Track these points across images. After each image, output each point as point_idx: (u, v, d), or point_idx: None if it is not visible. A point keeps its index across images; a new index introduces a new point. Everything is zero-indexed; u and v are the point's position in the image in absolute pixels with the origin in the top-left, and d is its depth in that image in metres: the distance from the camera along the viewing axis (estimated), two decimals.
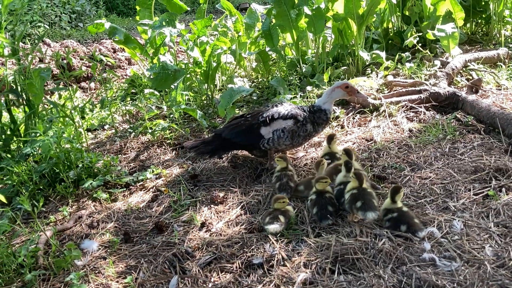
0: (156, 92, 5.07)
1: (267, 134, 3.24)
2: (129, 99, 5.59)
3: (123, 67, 6.90)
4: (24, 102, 3.79)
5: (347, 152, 2.85)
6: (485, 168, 2.97)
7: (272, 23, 5.38)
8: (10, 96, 3.97)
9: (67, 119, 3.62)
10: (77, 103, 5.72)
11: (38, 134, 3.15)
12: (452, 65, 4.60)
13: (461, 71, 4.80)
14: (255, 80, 5.91)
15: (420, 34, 5.70)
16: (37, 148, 3.33)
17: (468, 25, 6.82)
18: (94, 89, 6.35)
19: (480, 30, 6.88)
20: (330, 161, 3.13)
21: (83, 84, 6.40)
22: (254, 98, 5.06)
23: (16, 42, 3.72)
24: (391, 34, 6.43)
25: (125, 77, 6.60)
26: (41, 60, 6.19)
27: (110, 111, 4.84)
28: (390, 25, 6.71)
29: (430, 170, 3.09)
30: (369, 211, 2.44)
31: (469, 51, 5.95)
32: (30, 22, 11.55)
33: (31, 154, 3.54)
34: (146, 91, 5.31)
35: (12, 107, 3.95)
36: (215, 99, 4.99)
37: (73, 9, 13.17)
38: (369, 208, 2.45)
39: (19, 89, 3.83)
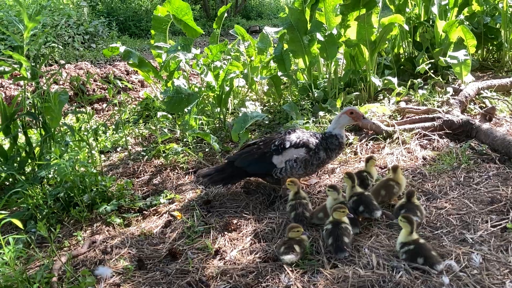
0: (169, 115, 5.12)
1: (280, 163, 3.24)
2: (142, 121, 5.64)
3: (136, 89, 6.99)
4: (40, 124, 3.83)
5: (350, 176, 2.98)
6: (501, 199, 2.94)
7: (285, 49, 5.43)
8: (26, 118, 4.03)
9: (82, 143, 3.65)
10: (91, 124, 5.79)
11: (53, 157, 3.18)
12: (465, 92, 4.61)
13: (474, 99, 4.80)
14: (266, 104, 5.95)
15: (432, 60, 5.73)
16: (52, 171, 3.35)
17: (479, 51, 6.85)
18: (107, 111, 6.42)
19: (491, 57, 6.91)
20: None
21: (96, 105, 6.47)
22: (266, 122, 5.08)
23: (38, 66, 3.78)
24: (402, 60, 6.48)
25: (138, 99, 6.67)
26: (55, 82, 6.29)
27: (124, 133, 4.88)
28: (402, 51, 6.76)
29: (446, 200, 3.06)
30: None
31: (481, 78, 5.97)
32: (45, 43, 11.77)
33: (46, 177, 3.56)
34: (159, 114, 5.37)
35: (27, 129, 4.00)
36: (227, 123, 5.02)
37: (86, 30, 13.42)
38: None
39: (36, 111, 3.88)
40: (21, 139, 4.43)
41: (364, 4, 5.00)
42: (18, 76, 4.82)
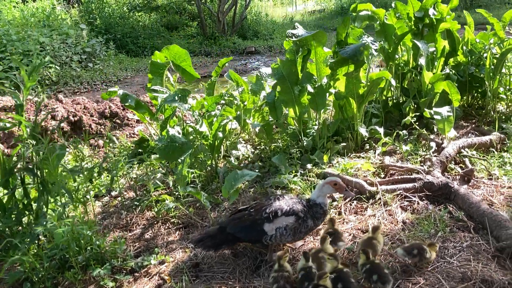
0: None
1: (270, 231, 3.43)
2: (136, 162, 5.80)
3: (131, 125, 7.17)
4: (38, 180, 3.99)
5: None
6: (471, 277, 3.13)
7: (277, 97, 5.64)
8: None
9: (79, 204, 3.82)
10: (86, 159, 5.95)
11: (50, 222, 3.33)
12: (446, 152, 4.83)
13: (455, 157, 5.01)
14: (258, 147, 6.14)
15: (418, 110, 5.96)
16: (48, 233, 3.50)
17: (464, 97, 7.10)
18: (102, 147, 6.58)
19: (476, 103, 7.16)
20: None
21: (91, 141, 6.63)
22: (257, 170, 5.26)
23: (36, 125, 3.93)
24: (390, 105, 6.71)
25: (133, 135, 6.85)
26: (53, 118, 6.45)
27: (117, 177, 5.04)
28: (390, 94, 7.00)
29: (420, 274, 3.25)
30: None
31: (465, 127, 6.21)
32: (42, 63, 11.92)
33: (43, 233, 3.71)
34: (153, 156, 5.55)
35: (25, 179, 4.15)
36: (219, 170, 5.20)
37: (83, 49, 13.59)
38: None
39: (34, 165, 4.03)
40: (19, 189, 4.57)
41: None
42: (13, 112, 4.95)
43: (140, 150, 6.37)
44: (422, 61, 6.21)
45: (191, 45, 18.77)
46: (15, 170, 4.05)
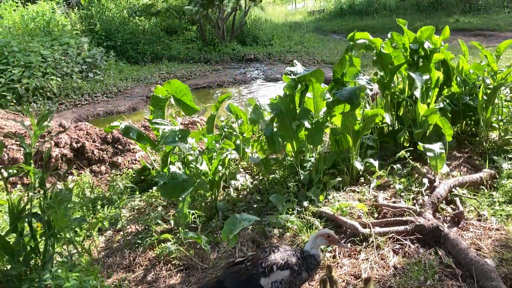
0: None
1: (267, 285, 3.60)
2: (138, 192, 5.97)
3: (133, 151, 7.33)
4: (46, 225, 4.16)
5: None
6: None
7: (275, 130, 5.81)
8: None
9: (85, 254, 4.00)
10: (88, 186, 6.13)
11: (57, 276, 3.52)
12: (438, 193, 5.01)
13: (447, 196, 5.19)
14: (256, 177, 6.32)
15: (413, 140, 6.13)
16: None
17: (458, 125, 7.28)
18: (105, 173, 6.76)
19: (469, 130, 7.34)
20: None
21: (94, 167, 6.81)
22: (255, 205, 5.44)
23: (44, 175, 4.10)
24: (385, 134, 6.88)
25: (134, 162, 7.02)
26: (56, 144, 6.61)
27: (120, 210, 5.22)
28: (385, 120, 7.17)
29: None
30: None
31: (458, 159, 6.38)
32: (44, 75, 12.06)
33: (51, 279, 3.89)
34: (154, 188, 5.74)
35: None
36: (218, 206, 5.38)
37: (84, 59, 13.69)
38: None
39: (41, 211, 4.21)
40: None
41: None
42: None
43: (142, 177, 6.56)
44: (417, 93, 6.37)
45: (191, 51, 18.86)
46: (23, 215, 4.23)
